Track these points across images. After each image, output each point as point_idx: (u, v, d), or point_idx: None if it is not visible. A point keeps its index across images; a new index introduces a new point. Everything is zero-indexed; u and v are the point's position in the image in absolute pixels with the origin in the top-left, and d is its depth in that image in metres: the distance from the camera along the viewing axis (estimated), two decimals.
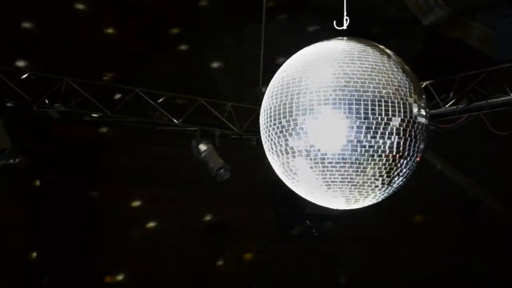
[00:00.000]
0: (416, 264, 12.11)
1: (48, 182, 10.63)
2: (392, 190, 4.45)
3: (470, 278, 12.05)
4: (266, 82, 4.63)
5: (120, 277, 11.12)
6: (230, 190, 10.71)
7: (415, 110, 4.28)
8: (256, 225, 11.67)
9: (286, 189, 4.64)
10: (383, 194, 4.44)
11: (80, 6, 10.04)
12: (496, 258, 12.08)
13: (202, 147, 9.59)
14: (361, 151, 4.21)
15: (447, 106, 9.39)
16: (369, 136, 4.19)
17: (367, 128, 4.18)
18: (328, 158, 4.24)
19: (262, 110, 4.49)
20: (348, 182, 4.30)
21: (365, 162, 4.23)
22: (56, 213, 10.54)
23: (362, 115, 4.17)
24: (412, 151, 4.32)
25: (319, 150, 4.25)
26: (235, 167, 9.69)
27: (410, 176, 4.44)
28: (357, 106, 4.17)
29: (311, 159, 4.28)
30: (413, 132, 4.28)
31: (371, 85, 4.21)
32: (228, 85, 10.90)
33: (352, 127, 4.18)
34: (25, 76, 9.10)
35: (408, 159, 4.33)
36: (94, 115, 9.42)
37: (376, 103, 4.19)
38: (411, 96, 4.28)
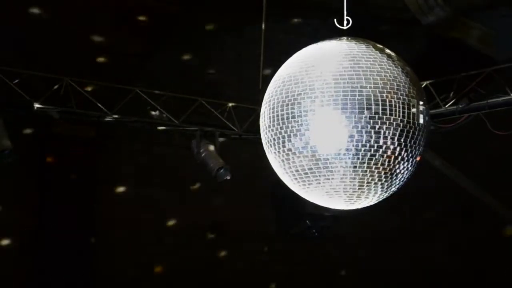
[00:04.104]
0: (416, 264, 12.11)
1: (48, 182, 10.63)
2: (393, 190, 4.46)
3: (470, 278, 12.05)
4: (266, 82, 4.63)
5: (120, 278, 11.11)
6: (230, 190, 10.71)
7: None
8: (256, 225, 11.67)
9: (286, 189, 4.64)
10: (383, 194, 4.44)
11: (80, 6, 10.03)
12: (496, 258, 12.07)
13: (202, 147, 9.60)
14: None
15: (447, 106, 9.39)
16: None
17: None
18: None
19: (262, 110, 4.49)
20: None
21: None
22: (56, 213, 10.53)
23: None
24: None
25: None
26: (235, 167, 9.69)
27: (410, 176, 4.44)
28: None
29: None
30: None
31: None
32: (228, 85, 10.89)
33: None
34: (25, 76, 9.09)
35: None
36: (94, 115, 9.42)
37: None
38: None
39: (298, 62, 4.41)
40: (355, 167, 4.24)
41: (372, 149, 4.22)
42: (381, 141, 4.21)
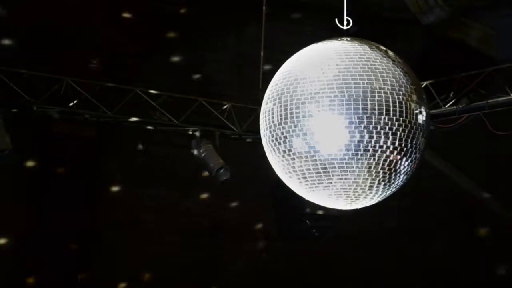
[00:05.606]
0: (416, 264, 12.10)
1: (48, 182, 10.62)
2: (392, 190, 4.46)
3: (470, 278, 12.05)
4: (266, 82, 4.62)
5: (120, 278, 11.11)
6: (230, 190, 10.71)
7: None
8: (256, 225, 11.66)
9: (287, 189, 4.64)
10: (383, 194, 4.45)
11: (79, 6, 10.03)
12: (496, 259, 12.07)
13: (202, 147, 9.59)
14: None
15: (447, 106, 9.39)
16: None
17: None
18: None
19: (262, 111, 4.49)
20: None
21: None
22: (55, 213, 10.53)
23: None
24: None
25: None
26: (235, 167, 9.69)
27: (410, 176, 4.45)
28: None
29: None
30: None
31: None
32: (228, 85, 10.89)
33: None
34: (25, 76, 9.09)
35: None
36: (94, 115, 9.42)
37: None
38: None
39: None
40: (370, 167, 4.26)
41: (388, 150, 4.24)
42: (397, 142, 4.24)
